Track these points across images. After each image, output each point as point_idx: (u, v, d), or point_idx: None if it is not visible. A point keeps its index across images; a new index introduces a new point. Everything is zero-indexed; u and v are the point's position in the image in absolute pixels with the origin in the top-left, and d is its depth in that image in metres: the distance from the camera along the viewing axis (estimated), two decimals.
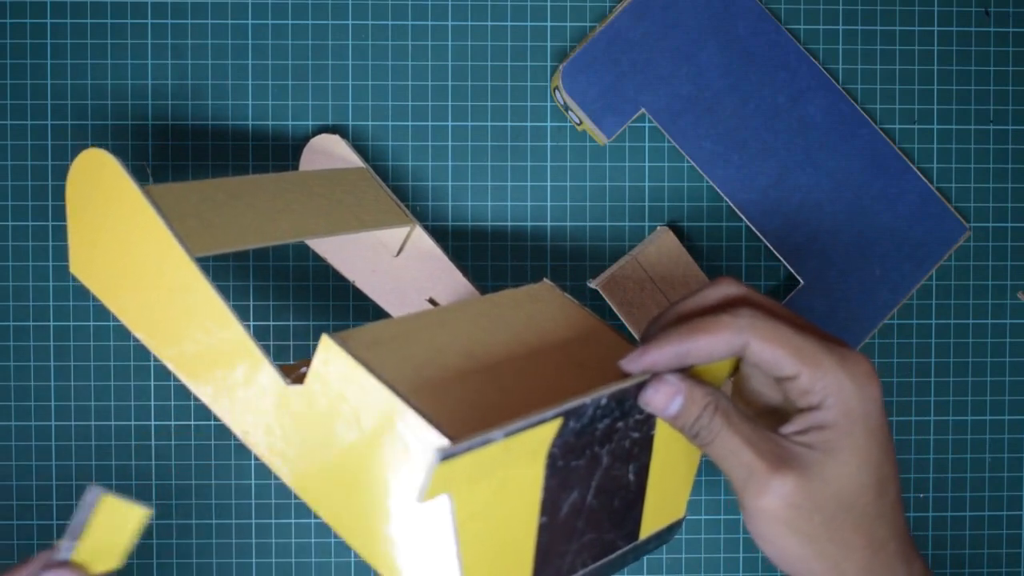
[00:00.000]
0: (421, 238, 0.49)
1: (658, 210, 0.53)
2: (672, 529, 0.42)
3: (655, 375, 0.37)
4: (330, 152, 0.50)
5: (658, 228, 0.52)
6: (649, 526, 0.40)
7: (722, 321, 0.36)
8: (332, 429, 0.36)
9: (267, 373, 0.37)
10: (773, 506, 0.36)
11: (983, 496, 0.54)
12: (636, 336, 0.52)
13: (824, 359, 0.36)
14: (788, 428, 0.37)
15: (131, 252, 0.40)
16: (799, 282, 0.52)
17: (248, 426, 0.38)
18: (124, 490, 0.52)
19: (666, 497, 0.41)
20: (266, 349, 0.38)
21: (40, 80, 0.51)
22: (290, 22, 0.52)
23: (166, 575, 0.52)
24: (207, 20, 0.51)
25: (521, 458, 0.34)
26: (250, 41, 0.52)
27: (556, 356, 0.40)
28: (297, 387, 0.37)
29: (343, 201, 0.47)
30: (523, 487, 0.35)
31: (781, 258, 0.51)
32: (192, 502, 0.52)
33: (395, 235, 0.49)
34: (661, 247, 0.52)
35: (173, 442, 0.52)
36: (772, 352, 0.36)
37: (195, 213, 0.42)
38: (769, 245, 0.51)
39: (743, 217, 0.51)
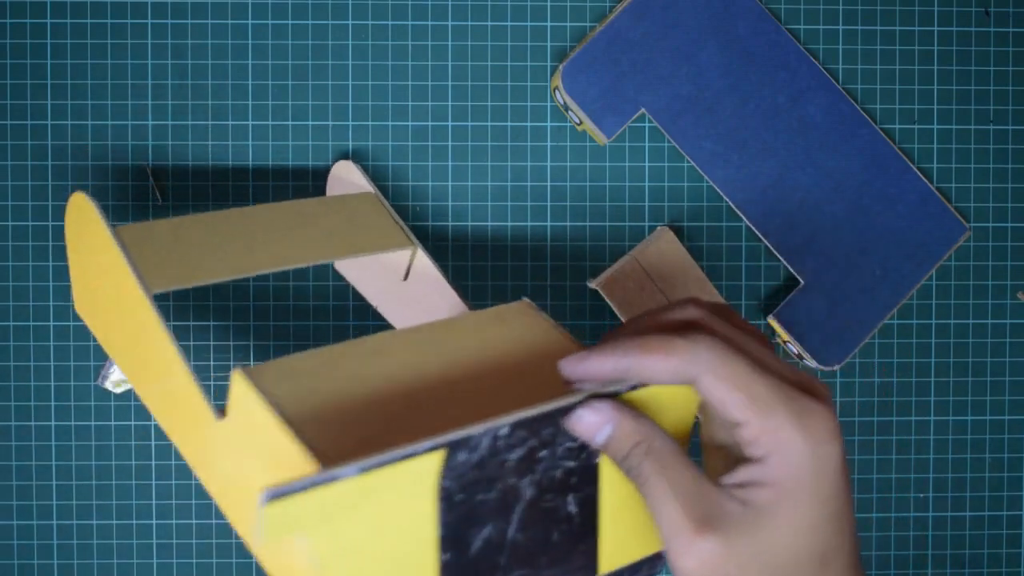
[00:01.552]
0: (423, 261, 0.48)
1: (658, 210, 0.53)
2: (653, 562, 0.38)
3: (588, 398, 0.34)
4: (344, 178, 0.50)
5: (658, 228, 0.52)
6: (613, 560, 0.37)
7: (676, 345, 0.33)
8: (244, 463, 0.35)
9: (203, 409, 0.37)
10: (693, 568, 0.32)
11: (983, 496, 0.54)
12: None
13: (778, 409, 0.32)
14: (728, 478, 0.34)
15: (106, 291, 0.41)
16: (799, 282, 0.52)
17: (204, 468, 0.38)
18: (122, 489, 0.52)
19: (633, 529, 0.37)
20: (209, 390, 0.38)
21: (40, 80, 0.51)
22: (290, 22, 0.52)
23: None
24: (207, 20, 0.51)
25: (399, 492, 0.31)
26: (250, 41, 0.52)
27: (505, 381, 0.38)
28: (221, 421, 0.36)
29: (336, 227, 0.46)
30: (412, 523, 0.32)
31: (781, 258, 0.51)
32: (191, 502, 0.52)
33: (402, 258, 0.49)
34: (661, 247, 0.51)
35: (173, 442, 0.52)
36: (721, 392, 0.33)
37: (166, 249, 0.41)
38: (769, 245, 0.51)
39: (743, 217, 0.51)
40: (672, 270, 0.52)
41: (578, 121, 0.51)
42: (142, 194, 0.52)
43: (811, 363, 0.51)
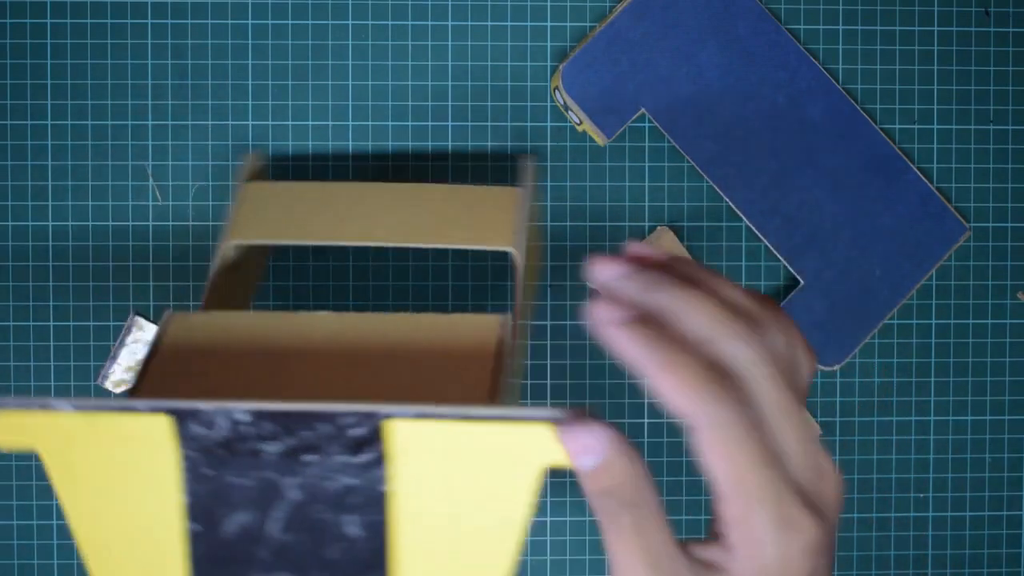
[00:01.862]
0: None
1: (658, 210, 0.53)
2: None
3: (582, 420, 0.30)
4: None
5: (658, 228, 0.52)
6: None
7: (694, 387, 0.28)
8: None
9: None
10: None
11: (983, 496, 0.54)
12: None
13: (759, 511, 0.29)
14: (697, 551, 0.31)
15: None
16: (799, 282, 0.52)
17: None
18: None
19: None
20: None
21: (40, 80, 0.51)
22: (290, 22, 0.52)
23: None
24: (207, 20, 0.51)
25: (130, 445, 0.32)
26: (250, 41, 0.52)
27: (387, 367, 0.36)
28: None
29: (446, 214, 0.44)
30: (154, 481, 0.33)
31: (781, 258, 0.51)
32: None
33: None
34: (661, 247, 0.52)
35: None
36: (713, 457, 0.29)
37: (271, 208, 0.44)
38: (769, 245, 0.51)
39: (743, 217, 0.51)
40: None
41: (578, 121, 0.51)
42: (142, 194, 0.52)
43: None
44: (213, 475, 0.33)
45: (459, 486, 0.32)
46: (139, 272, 0.52)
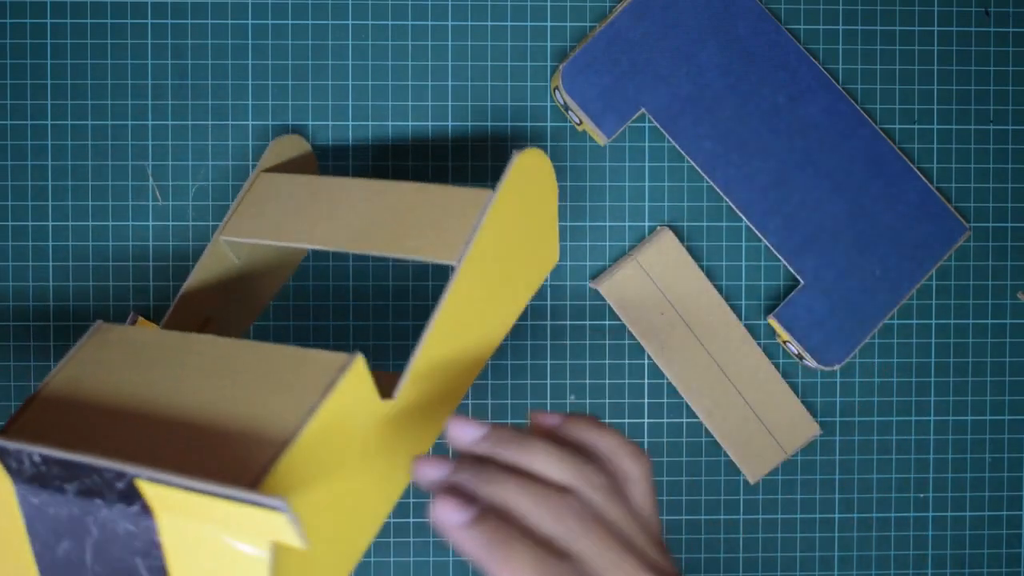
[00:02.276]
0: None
1: (658, 210, 0.53)
2: None
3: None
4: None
5: (658, 228, 0.52)
6: None
7: (540, 569, 0.32)
8: None
9: None
10: None
11: (983, 496, 0.54)
12: (637, 336, 0.52)
13: None
14: None
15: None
16: (799, 282, 0.52)
17: None
18: None
19: None
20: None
21: (40, 80, 0.51)
22: (290, 22, 0.52)
23: None
24: (207, 20, 0.51)
25: None
26: (250, 41, 0.52)
27: (186, 433, 0.38)
28: None
29: (406, 219, 0.44)
30: (2, 503, 0.37)
31: (781, 258, 0.51)
32: None
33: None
34: (661, 247, 0.52)
35: None
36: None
37: (274, 203, 0.45)
38: (769, 245, 0.51)
39: (743, 217, 0.51)
40: (672, 270, 0.52)
41: (578, 121, 0.51)
42: (142, 194, 0.52)
43: (811, 363, 0.51)
44: (38, 504, 0.36)
45: (209, 543, 0.34)
46: (139, 272, 0.52)
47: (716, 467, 0.53)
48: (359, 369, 0.37)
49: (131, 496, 0.34)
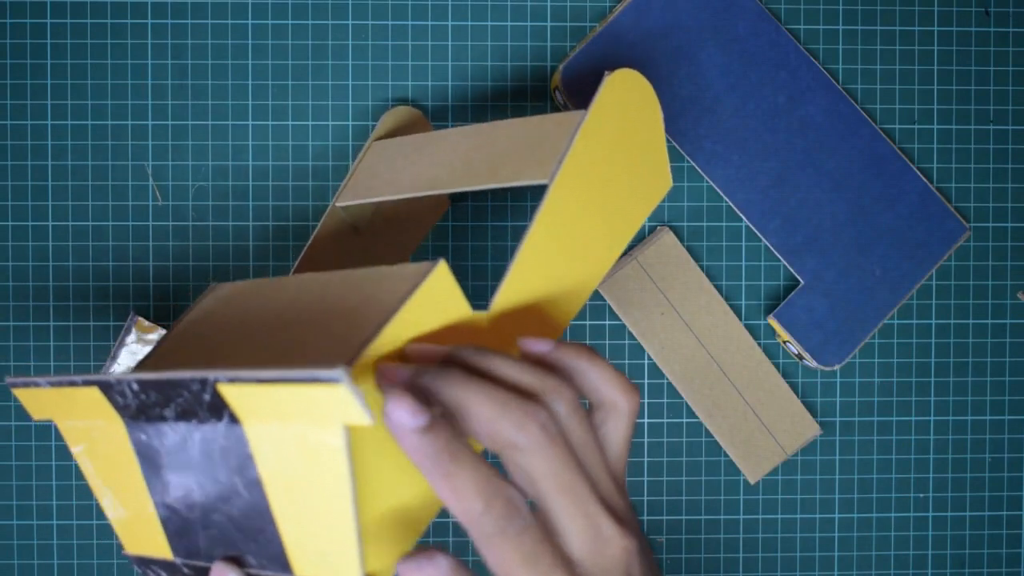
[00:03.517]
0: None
1: (658, 210, 0.53)
2: None
3: (425, 552, 0.32)
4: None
5: (658, 228, 0.52)
6: (306, 568, 0.35)
7: (485, 488, 0.31)
8: None
9: None
10: None
11: (983, 496, 0.54)
12: (636, 335, 0.52)
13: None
14: None
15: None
16: (799, 282, 0.52)
17: None
18: None
19: (329, 548, 0.34)
20: None
21: (40, 80, 0.51)
22: (290, 22, 0.52)
23: None
24: (207, 20, 0.51)
25: (95, 410, 0.37)
26: (250, 41, 0.52)
27: (298, 328, 0.39)
28: None
29: (511, 150, 0.44)
30: (115, 440, 0.38)
31: (781, 258, 0.51)
32: None
33: None
34: (661, 247, 0.52)
35: None
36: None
37: (383, 165, 0.47)
38: (769, 245, 0.51)
39: (743, 217, 0.51)
40: (672, 270, 0.52)
41: None
42: (142, 194, 0.52)
43: (811, 363, 0.51)
44: (146, 440, 0.37)
45: (293, 442, 0.33)
46: (139, 272, 0.52)
47: (716, 467, 0.53)
48: (442, 272, 0.37)
49: (219, 408, 0.34)
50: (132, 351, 0.51)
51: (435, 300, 0.36)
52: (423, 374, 0.33)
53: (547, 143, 0.42)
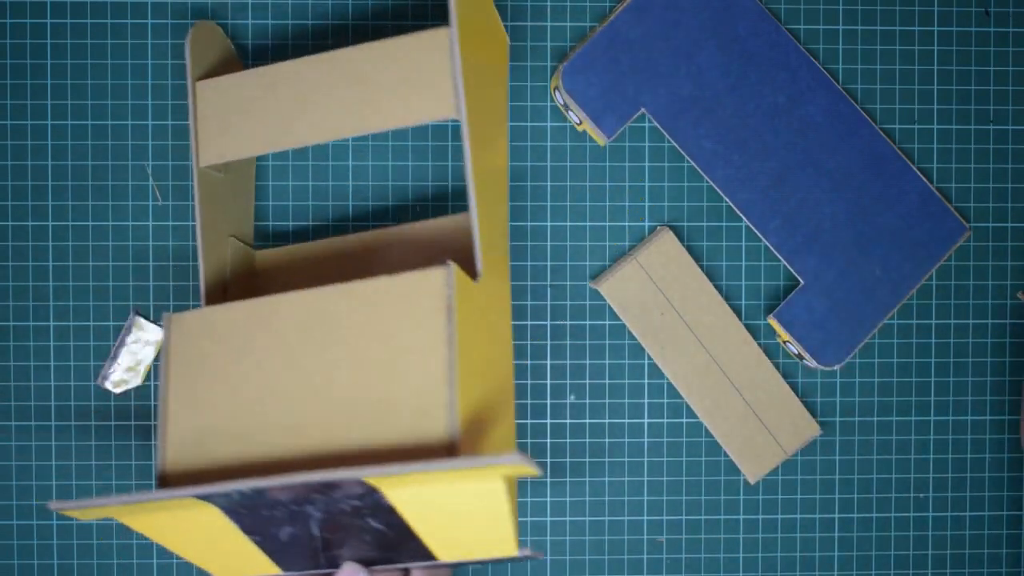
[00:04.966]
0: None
1: (658, 210, 0.53)
2: (508, 561, 0.41)
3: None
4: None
5: (658, 228, 0.52)
6: (451, 554, 0.40)
7: None
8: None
9: None
10: None
11: (983, 496, 0.54)
12: (637, 336, 0.52)
13: None
14: None
15: None
16: (799, 282, 0.52)
17: None
18: (122, 489, 0.52)
19: (459, 539, 0.39)
20: None
21: (40, 80, 0.51)
22: (290, 22, 0.52)
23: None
24: (206, 20, 0.51)
25: (183, 507, 0.38)
26: (250, 41, 0.52)
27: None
28: None
29: (388, 86, 0.43)
30: (212, 521, 0.39)
31: (781, 258, 0.51)
32: None
33: None
34: (661, 247, 0.52)
35: None
36: None
37: (226, 112, 0.44)
38: (769, 245, 0.51)
39: (743, 217, 0.51)
40: (672, 270, 0.52)
41: (578, 121, 0.51)
42: (142, 194, 0.52)
43: (811, 363, 0.51)
44: (248, 513, 0.37)
45: (441, 494, 0.36)
46: (139, 272, 0.52)
47: (716, 467, 0.53)
48: (460, 275, 0.38)
49: (367, 494, 0.36)
50: (132, 351, 0.51)
51: (465, 301, 0.39)
52: None
53: (425, 70, 0.42)
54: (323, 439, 0.38)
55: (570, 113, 0.51)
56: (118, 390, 0.51)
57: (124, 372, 0.51)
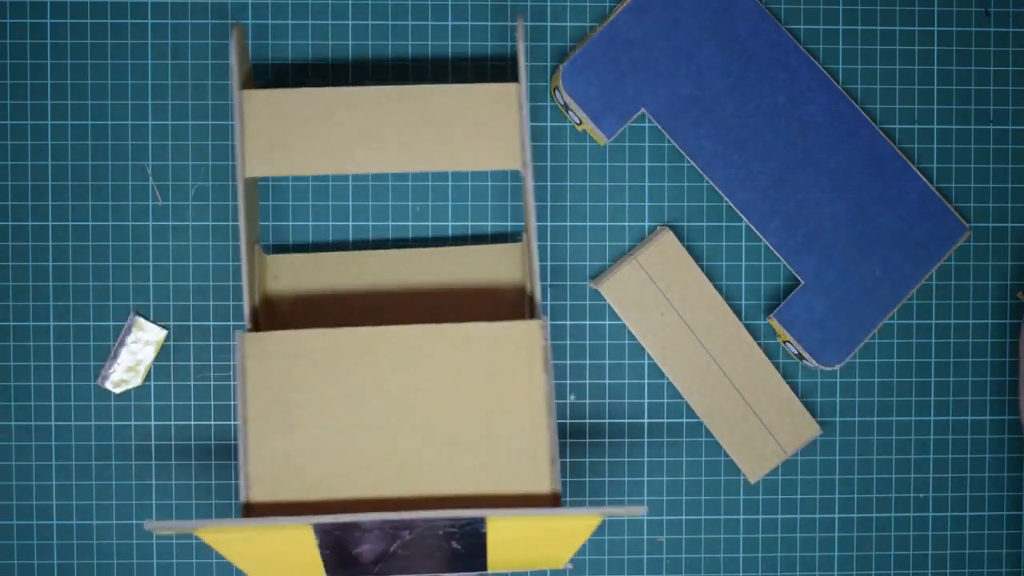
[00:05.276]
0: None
1: (658, 210, 0.53)
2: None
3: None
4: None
5: (658, 228, 0.52)
6: (503, 567, 0.43)
7: None
8: None
9: None
10: None
11: (983, 496, 0.54)
12: (637, 336, 0.52)
13: None
14: None
15: None
16: (799, 282, 0.52)
17: None
18: (122, 489, 0.52)
19: (517, 557, 0.42)
20: None
21: (40, 80, 0.51)
22: (290, 22, 0.52)
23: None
24: (207, 20, 0.51)
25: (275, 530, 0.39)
26: (250, 41, 0.52)
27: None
28: None
29: (451, 130, 0.45)
30: (297, 541, 0.39)
31: (781, 258, 0.51)
32: (195, 502, 0.52)
33: None
34: (661, 247, 0.52)
35: (173, 443, 0.52)
36: None
37: (279, 127, 0.45)
38: (769, 245, 0.51)
39: (743, 217, 0.51)
40: (672, 270, 0.52)
41: (578, 121, 0.51)
42: (142, 194, 0.52)
43: (811, 363, 0.51)
44: (341, 531, 0.38)
45: (532, 529, 0.38)
46: (139, 272, 0.52)
47: (716, 467, 0.53)
48: (544, 327, 0.42)
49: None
50: (132, 351, 0.51)
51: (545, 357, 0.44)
52: None
53: (494, 121, 0.44)
54: (425, 478, 0.40)
55: (570, 113, 0.51)
56: (118, 390, 0.51)
57: (124, 372, 0.51)
